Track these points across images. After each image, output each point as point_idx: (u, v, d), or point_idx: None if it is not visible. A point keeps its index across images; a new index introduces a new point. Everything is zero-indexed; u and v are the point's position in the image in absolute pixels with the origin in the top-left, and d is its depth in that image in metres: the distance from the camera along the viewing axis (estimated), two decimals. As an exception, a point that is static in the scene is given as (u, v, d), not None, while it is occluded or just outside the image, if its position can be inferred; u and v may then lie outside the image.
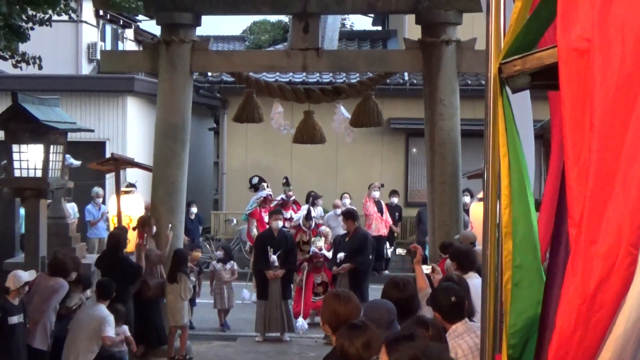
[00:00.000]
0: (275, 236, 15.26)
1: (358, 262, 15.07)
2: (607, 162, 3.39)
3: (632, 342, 3.47)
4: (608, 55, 3.41)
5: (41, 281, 10.87)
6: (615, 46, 3.41)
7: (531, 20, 4.03)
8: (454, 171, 13.51)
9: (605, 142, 3.39)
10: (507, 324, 4.12)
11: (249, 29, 38.82)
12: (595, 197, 3.41)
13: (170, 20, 13.86)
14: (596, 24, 3.44)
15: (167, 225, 13.59)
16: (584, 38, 3.48)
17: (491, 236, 4.19)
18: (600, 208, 3.40)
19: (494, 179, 4.14)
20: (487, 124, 4.13)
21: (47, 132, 11.67)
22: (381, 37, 29.79)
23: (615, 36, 3.40)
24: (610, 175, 3.38)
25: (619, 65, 3.38)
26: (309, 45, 13.73)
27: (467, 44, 13.51)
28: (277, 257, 14.95)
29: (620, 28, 3.39)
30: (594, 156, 3.40)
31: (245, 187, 23.16)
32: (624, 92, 3.36)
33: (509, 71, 3.96)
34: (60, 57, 26.56)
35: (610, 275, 3.39)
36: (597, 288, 3.40)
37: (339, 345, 5.42)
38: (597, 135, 3.39)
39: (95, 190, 20.26)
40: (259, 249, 15.36)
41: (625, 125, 3.36)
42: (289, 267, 15.23)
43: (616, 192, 3.37)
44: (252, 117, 15.16)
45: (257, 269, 15.40)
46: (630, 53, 3.36)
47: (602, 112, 3.40)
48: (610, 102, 3.38)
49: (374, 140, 23.85)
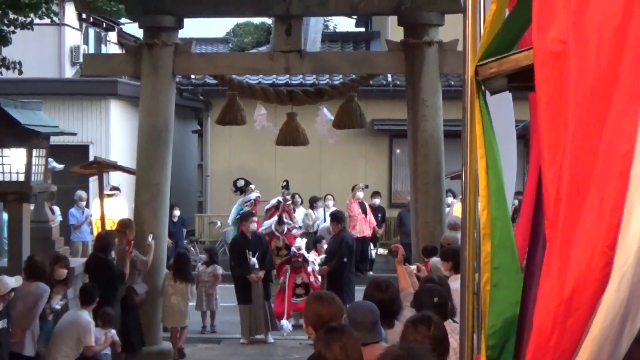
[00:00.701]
0: (250, 239, 15.30)
1: (331, 265, 15.47)
2: (583, 164, 3.41)
3: (609, 343, 3.49)
4: (583, 58, 3.43)
5: (23, 287, 10.82)
6: (590, 48, 3.43)
7: (508, 22, 4.05)
8: (437, 172, 13.54)
9: (580, 144, 3.41)
10: (486, 325, 4.14)
11: (232, 31, 38.88)
12: (571, 199, 3.43)
13: (152, 23, 13.85)
14: (571, 26, 3.46)
15: (148, 234, 13.53)
16: (559, 40, 3.50)
17: (470, 237, 4.20)
18: (576, 209, 3.42)
19: (472, 181, 4.16)
20: (465, 126, 4.15)
21: (29, 136, 11.65)
22: (364, 38, 29.81)
23: (590, 38, 3.42)
24: (586, 177, 3.41)
25: (594, 67, 3.40)
26: (292, 48, 13.74)
27: (449, 45, 13.54)
28: (257, 260, 15.00)
29: (596, 30, 3.42)
30: (568, 158, 3.42)
31: (229, 190, 23.17)
32: (599, 94, 3.39)
33: (485, 73, 3.98)
34: (42, 60, 26.51)
35: (586, 277, 3.41)
36: (574, 289, 3.42)
37: (317, 350, 5.42)
38: (572, 137, 3.42)
39: (78, 194, 20.23)
40: (237, 254, 15.37)
41: (601, 126, 3.38)
42: (267, 268, 15.36)
43: (591, 194, 3.40)
44: (235, 120, 15.15)
45: (238, 275, 15.38)
46: (605, 55, 3.39)
47: (577, 113, 3.42)
48: (585, 103, 3.40)
49: (358, 142, 23.87)
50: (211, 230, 24.72)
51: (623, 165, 3.35)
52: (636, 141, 3.34)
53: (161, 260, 14.11)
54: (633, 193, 3.35)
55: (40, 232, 13.45)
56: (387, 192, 24.29)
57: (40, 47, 26.41)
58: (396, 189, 24.62)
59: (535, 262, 4.06)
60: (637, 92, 3.34)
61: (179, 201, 22.14)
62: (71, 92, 23.66)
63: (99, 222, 15.40)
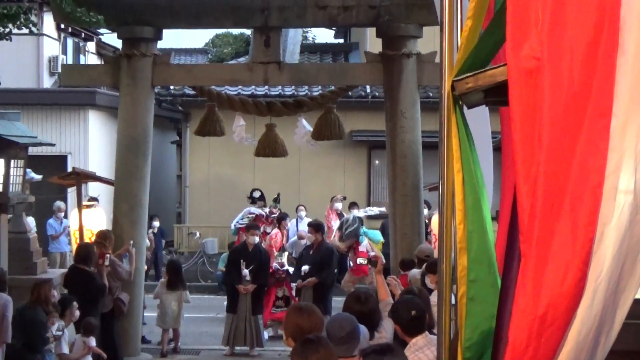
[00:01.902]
0: (250, 250, 15.14)
1: (323, 277, 15.10)
2: (557, 179, 3.45)
3: (584, 356, 3.53)
4: (557, 74, 3.47)
5: None
6: (564, 65, 3.47)
7: (483, 38, 4.10)
8: (415, 183, 13.59)
9: (554, 159, 3.45)
10: (463, 338, 4.17)
11: (212, 41, 38.82)
12: (545, 214, 3.47)
13: (131, 34, 13.85)
14: (545, 43, 3.50)
15: (129, 241, 13.53)
16: (533, 57, 3.53)
17: (446, 251, 4.24)
18: (550, 224, 3.45)
19: (448, 195, 4.20)
20: (442, 140, 4.19)
21: (7, 146, 11.63)
22: (343, 49, 29.90)
23: (564, 55, 3.46)
24: (560, 192, 3.44)
25: (568, 84, 3.44)
26: (271, 59, 13.77)
27: (427, 57, 13.60)
28: (250, 272, 14.90)
29: (569, 47, 3.46)
30: (542, 173, 3.45)
31: (207, 200, 23.19)
32: (573, 110, 3.42)
33: (462, 88, 4.02)
34: (21, 70, 26.43)
35: (560, 292, 3.44)
36: (548, 304, 3.45)
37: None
38: (546, 152, 3.45)
39: (57, 205, 20.17)
40: (231, 262, 15.32)
41: (574, 142, 3.42)
42: (260, 282, 15.09)
43: (565, 209, 3.43)
44: (214, 131, 15.16)
45: (228, 283, 15.35)
46: (578, 71, 3.43)
47: (551, 129, 3.45)
48: (559, 119, 3.44)
49: (337, 153, 23.88)
50: (190, 241, 24.68)
51: (596, 180, 3.39)
52: (608, 156, 3.38)
53: (139, 271, 14.06)
54: (605, 207, 3.39)
55: (19, 242, 13.41)
56: (366, 203, 24.25)
57: (18, 57, 26.33)
58: (375, 200, 24.63)
59: (510, 276, 4.08)
60: (608, 108, 3.38)
61: (157, 212, 22.11)
62: (49, 103, 23.60)
63: (77, 233, 15.35)
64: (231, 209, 22.92)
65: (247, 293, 14.86)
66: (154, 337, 15.80)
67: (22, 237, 13.70)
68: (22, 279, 12.96)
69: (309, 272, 15.10)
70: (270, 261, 15.74)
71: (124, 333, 13.64)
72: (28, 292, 12.70)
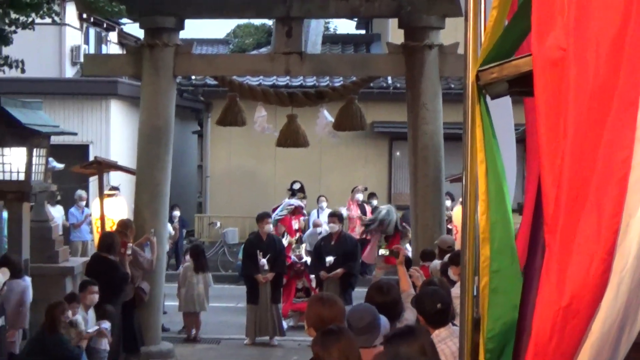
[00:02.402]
0: (264, 240, 15.20)
1: (350, 267, 14.95)
2: (582, 170, 3.42)
3: (608, 348, 3.51)
4: (583, 64, 3.44)
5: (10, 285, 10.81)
6: (590, 55, 3.44)
7: (509, 28, 4.07)
8: (436, 175, 13.57)
9: (579, 150, 3.43)
10: (485, 329, 4.15)
11: (233, 32, 38.89)
12: (570, 204, 3.44)
13: (153, 24, 13.87)
14: (571, 34, 3.48)
15: (150, 230, 13.58)
16: (558, 47, 3.51)
17: (469, 241, 4.22)
18: (575, 215, 3.43)
19: (472, 185, 4.18)
20: (466, 130, 4.17)
21: (30, 135, 11.65)
22: (365, 40, 29.83)
23: (590, 45, 3.44)
24: (585, 183, 3.42)
25: (594, 74, 3.42)
26: (292, 50, 13.77)
27: (449, 48, 13.57)
28: (267, 261, 14.92)
29: (595, 37, 3.43)
30: (567, 164, 3.43)
31: (228, 190, 23.22)
32: (598, 101, 3.40)
33: (486, 78, 4.00)
34: (43, 60, 26.47)
35: (585, 283, 3.42)
36: (572, 296, 3.43)
37: (314, 353, 5.43)
38: (571, 143, 3.43)
39: (78, 193, 20.27)
40: (247, 253, 15.37)
41: (599, 133, 3.40)
42: (278, 271, 15.15)
43: (590, 200, 3.41)
44: (235, 121, 15.16)
45: (246, 275, 15.38)
46: (604, 62, 3.40)
47: (576, 120, 3.43)
48: (584, 110, 3.42)
49: (358, 144, 23.88)
50: (211, 231, 24.72)
51: (621, 171, 3.37)
52: (634, 148, 3.36)
53: (160, 260, 14.10)
54: (631, 199, 3.36)
55: (40, 231, 13.45)
56: (387, 195, 24.28)
57: (40, 47, 26.37)
58: (396, 192, 24.61)
59: (534, 266, 4.07)
60: (635, 99, 3.36)
61: (178, 201, 22.15)
62: (72, 92, 23.69)
63: (98, 222, 15.39)
64: (252, 199, 23.03)
65: (267, 282, 14.90)
66: (174, 326, 15.87)
67: (44, 226, 13.73)
68: (43, 268, 13.04)
69: (334, 264, 14.94)
70: (285, 249, 15.80)
71: (144, 322, 13.67)
72: (50, 280, 12.86)
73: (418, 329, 5.55)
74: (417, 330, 5.45)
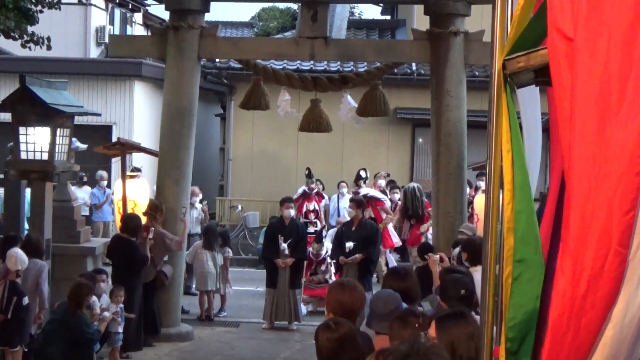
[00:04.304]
0: (287, 225, 15.19)
1: (369, 253, 14.78)
2: (593, 163, 3.42)
3: (629, 340, 3.50)
4: (592, 55, 3.43)
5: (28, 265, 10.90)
6: (600, 46, 3.43)
7: (536, 17, 4.05)
8: (459, 162, 13.54)
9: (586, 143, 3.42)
10: (506, 318, 4.15)
11: (258, 15, 38.90)
12: (584, 198, 3.44)
13: (179, 5, 13.89)
14: (581, 24, 3.47)
15: (181, 209, 13.69)
16: (566, 37, 3.51)
17: (492, 229, 4.21)
18: (589, 208, 3.43)
19: (496, 175, 4.16)
20: (491, 119, 4.15)
21: (54, 115, 11.68)
22: (390, 26, 29.76)
23: (601, 36, 3.42)
24: (597, 176, 3.42)
25: (603, 66, 3.40)
26: (317, 34, 13.75)
27: (475, 35, 13.52)
28: (288, 246, 14.93)
29: (607, 28, 3.42)
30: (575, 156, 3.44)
31: (250, 174, 23.25)
32: (610, 92, 3.39)
33: (513, 67, 3.98)
34: (68, 40, 26.60)
35: (600, 276, 3.42)
36: (588, 288, 3.44)
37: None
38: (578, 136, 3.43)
39: (99, 174, 20.36)
40: (268, 237, 15.38)
41: (611, 126, 3.39)
42: (298, 257, 15.15)
43: (603, 195, 3.40)
44: (258, 104, 15.15)
45: (266, 258, 15.41)
46: (615, 54, 3.39)
47: (584, 111, 3.43)
48: (592, 102, 3.41)
49: (381, 130, 23.86)
50: (232, 214, 24.77)
51: (638, 166, 3.36)
52: None
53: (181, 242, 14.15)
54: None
55: (62, 211, 13.50)
56: (409, 181, 24.22)
57: (66, 27, 26.49)
58: (418, 178, 24.57)
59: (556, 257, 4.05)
60: None
61: (200, 184, 22.16)
62: (96, 73, 23.78)
63: (120, 202, 15.44)
64: (273, 183, 23.05)
65: (286, 267, 14.91)
66: (193, 309, 15.92)
67: (66, 206, 13.79)
68: (65, 247, 13.12)
69: (353, 249, 14.81)
70: (307, 236, 15.80)
71: (164, 304, 13.74)
72: (70, 260, 12.93)
73: (468, 312, 5.51)
74: (467, 314, 5.41)
